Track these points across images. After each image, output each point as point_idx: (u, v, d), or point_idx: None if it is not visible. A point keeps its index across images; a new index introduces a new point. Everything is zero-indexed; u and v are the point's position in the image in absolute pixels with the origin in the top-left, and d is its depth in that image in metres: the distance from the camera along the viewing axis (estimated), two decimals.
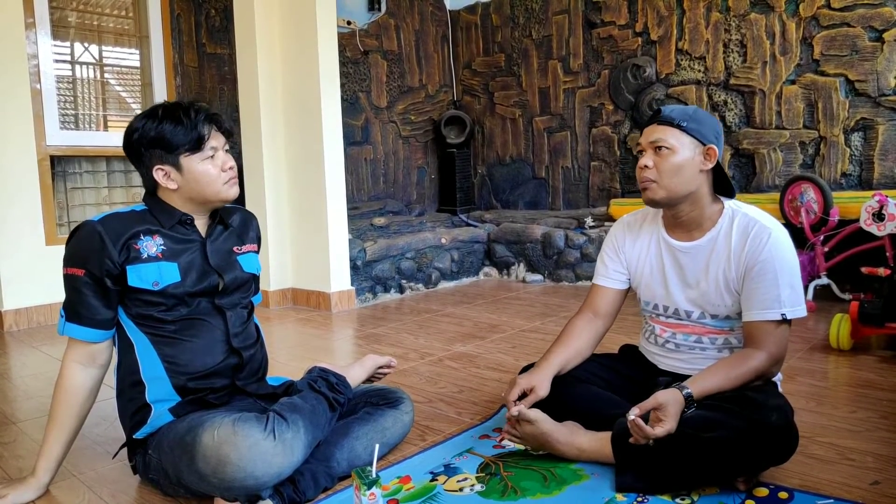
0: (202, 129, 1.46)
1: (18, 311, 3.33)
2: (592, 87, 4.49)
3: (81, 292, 1.43)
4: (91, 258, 1.41)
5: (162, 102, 1.52)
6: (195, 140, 1.45)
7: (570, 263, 4.19)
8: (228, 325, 1.53)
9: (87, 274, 1.41)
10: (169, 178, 1.47)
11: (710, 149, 1.53)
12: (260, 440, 1.29)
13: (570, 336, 1.71)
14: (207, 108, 1.51)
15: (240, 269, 1.59)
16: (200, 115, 1.47)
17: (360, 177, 4.72)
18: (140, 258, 1.43)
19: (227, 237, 1.60)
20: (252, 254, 1.65)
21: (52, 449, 1.47)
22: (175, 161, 1.46)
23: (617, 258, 1.74)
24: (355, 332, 3.16)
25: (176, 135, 1.44)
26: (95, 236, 1.41)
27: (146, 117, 1.46)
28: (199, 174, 1.47)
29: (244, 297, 1.61)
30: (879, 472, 1.48)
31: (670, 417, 1.35)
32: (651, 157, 1.55)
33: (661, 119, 1.56)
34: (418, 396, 2.10)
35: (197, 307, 1.50)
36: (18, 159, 3.34)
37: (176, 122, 1.44)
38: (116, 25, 3.90)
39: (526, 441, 1.57)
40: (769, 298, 1.47)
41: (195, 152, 1.46)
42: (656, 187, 1.55)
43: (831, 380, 2.20)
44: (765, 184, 3.76)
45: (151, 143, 1.44)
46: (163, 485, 1.46)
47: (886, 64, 3.33)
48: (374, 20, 4.72)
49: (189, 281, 1.48)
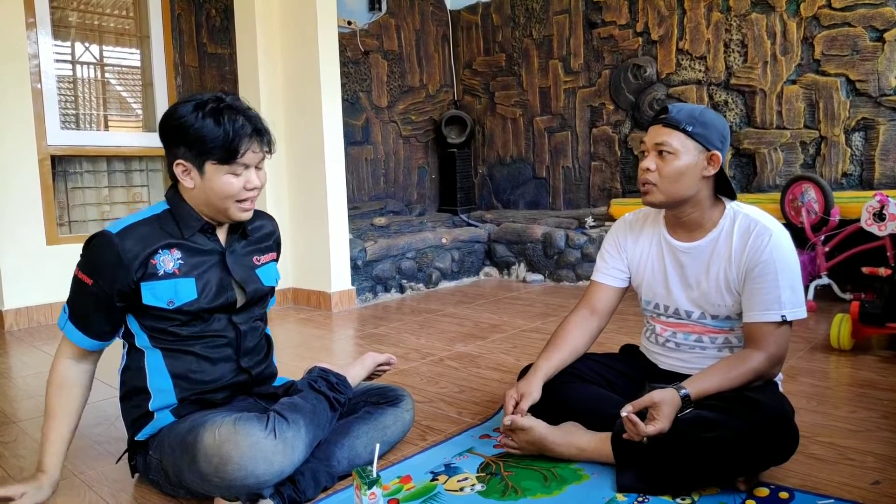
0: (240, 144, 1.38)
1: (19, 310, 3.33)
2: (593, 87, 4.49)
3: (86, 301, 1.40)
4: (104, 272, 1.37)
5: (215, 94, 1.41)
6: (228, 153, 1.37)
7: (570, 263, 4.19)
8: (241, 342, 1.51)
9: (95, 285, 1.38)
10: (188, 175, 1.40)
11: (713, 155, 1.52)
12: (261, 439, 1.29)
13: (564, 337, 1.71)
14: (258, 119, 1.43)
15: (259, 283, 1.54)
16: (247, 127, 1.39)
17: (361, 177, 4.72)
18: (156, 275, 1.39)
19: (247, 248, 1.55)
20: (271, 263, 1.61)
21: (55, 444, 1.44)
22: (200, 164, 1.39)
23: (618, 256, 1.74)
24: (356, 332, 3.16)
25: (212, 140, 1.35)
26: (112, 251, 1.36)
27: (194, 108, 1.37)
28: (220, 185, 1.40)
29: (260, 310, 1.59)
30: (880, 472, 1.48)
31: (664, 417, 1.35)
32: (654, 159, 1.54)
33: (668, 121, 1.53)
34: (419, 396, 2.10)
35: (212, 323, 1.47)
36: (19, 159, 3.34)
37: (218, 126, 1.35)
38: (117, 25, 3.90)
39: (524, 449, 1.57)
40: (770, 300, 1.46)
41: (224, 164, 1.39)
42: (656, 191, 1.54)
43: (832, 380, 2.20)
44: (766, 184, 3.76)
45: (184, 138, 1.37)
46: (163, 485, 1.46)
47: (887, 64, 3.33)
48: (374, 20, 4.72)
49: (205, 298, 1.44)
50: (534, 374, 1.64)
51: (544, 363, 1.66)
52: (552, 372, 1.65)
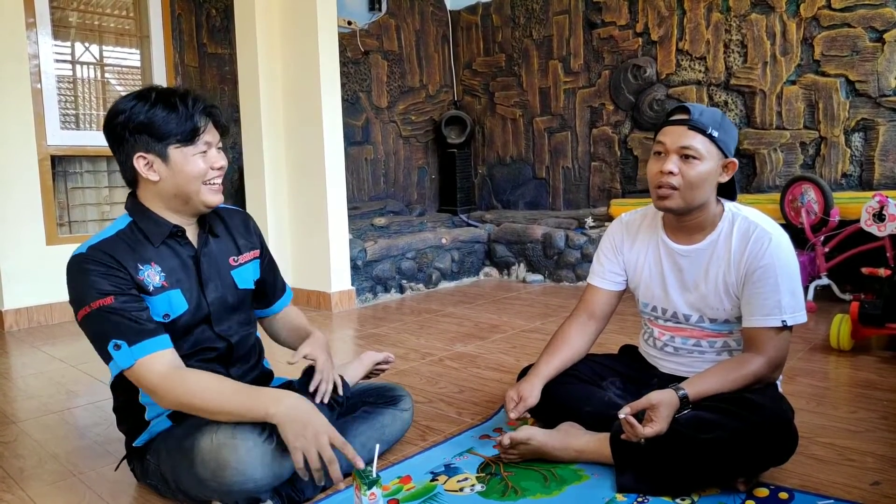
0: (198, 121, 1.34)
1: (19, 310, 3.33)
2: (593, 88, 4.49)
3: (122, 313, 1.27)
4: (112, 277, 1.29)
5: (155, 85, 1.39)
6: (189, 131, 1.32)
7: (570, 264, 4.19)
8: (233, 352, 1.47)
9: (116, 298, 1.28)
10: (151, 168, 1.33)
11: (730, 163, 1.50)
12: (259, 443, 1.27)
13: (562, 341, 1.71)
14: (206, 98, 1.38)
15: (232, 287, 1.48)
16: (199, 105, 1.34)
17: (361, 177, 4.72)
18: (148, 291, 1.33)
19: (220, 247, 1.49)
20: (252, 262, 1.55)
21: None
22: (162, 151, 1.32)
23: (615, 258, 1.73)
24: (355, 332, 3.16)
25: (168, 122, 1.30)
26: (104, 256, 1.29)
27: (137, 99, 1.32)
28: (187, 168, 1.33)
29: (244, 314, 1.53)
30: (879, 473, 1.48)
31: (661, 419, 1.35)
32: (677, 162, 1.47)
33: (692, 123, 1.46)
34: (419, 396, 2.10)
35: (201, 334, 1.42)
36: (19, 159, 3.35)
37: (170, 109, 1.31)
38: (117, 25, 3.90)
39: (524, 456, 1.57)
40: (770, 305, 1.45)
41: (187, 144, 1.33)
42: (677, 196, 1.48)
43: (831, 380, 2.20)
44: (765, 184, 3.76)
45: (139, 128, 1.30)
46: (161, 490, 1.45)
47: (887, 64, 3.33)
48: (374, 20, 4.72)
49: (193, 306, 1.38)
50: (533, 377, 1.64)
51: (543, 367, 1.66)
52: (550, 376, 1.66)
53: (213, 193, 1.40)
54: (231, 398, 1.29)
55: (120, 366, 1.29)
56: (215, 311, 1.44)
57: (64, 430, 1.94)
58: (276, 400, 1.28)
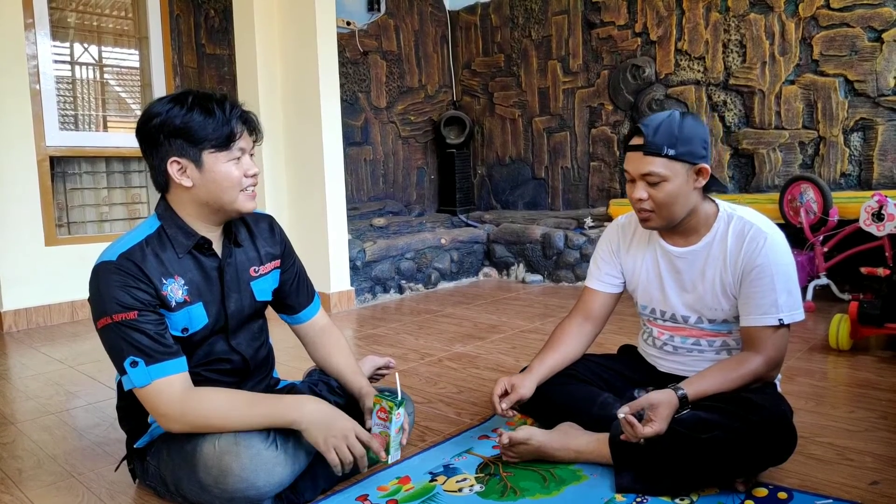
0: (235, 126, 1.33)
1: (18, 311, 3.33)
2: (592, 88, 4.49)
3: (143, 330, 1.26)
4: (137, 290, 1.27)
5: (192, 89, 1.37)
6: (225, 136, 1.31)
7: (569, 264, 4.19)
8: (247, 366, 1.46)
9: (141, 313, 1.26)
10: (185, 173, 1.32)
11: (701, 168, 1.48)
12: (262, 450, 1.27)
13: (560, 342, 1.71)
14: (242, 105, 1.38)
15: (250, 298, 1.46)
16: (236, 110, 1.34)
17: (360, 177, 4.72)
18: (170, 307, 1.31)
19: (243, 257, 1.47)
20: (272, 273, 1.53)
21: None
22: (197, 156, 1.31)
23: (612, 261, 1.73)
24: (355, 333, 3.16)
25: (205, 127, 1.29)
26: (132, 266, 1.27)
27: (173, 102, 1.31)
28: (221, 175, 1.32)
29: (258, 324, 1.52)
30: (878, 473, 1.48)
31: (661, 419, 1.35)
32: (644, 188, 1.48)
33: (647, 149, 1.46)
34: (418, 397, 2.10)
35: (216, 346, 1.41)
36: (18, 160, 3.34)
37: (207, 114, 1.30)
38: (116, 26, 3.89)
39: (523, 457, 1.57)
40: (766, 304, 1.46)
41: (222, 150, 1.32)
42: (655, 217, 1.51)
43: (830, 380, 2.20)
44: (764, 184, 3.76)
45: (175, 132, 1.29)
46: (160, 492, 1.45)
47: (885, 64, 3.33)
48: (373, 20, 4.72)
49: (212, 321, 1.38)
50: (527, 373, 1.65)
51: (538, 365, 1.67)
52: (545, 375, 1.66)
53: (249, 200, 1.39)
54: (250, 412, 1.29)
55: (134, 383, 1.27)
56: (233, 324, 1.44)
57: (62, 432, 1.93)
58: (296, 406, 1.31)
